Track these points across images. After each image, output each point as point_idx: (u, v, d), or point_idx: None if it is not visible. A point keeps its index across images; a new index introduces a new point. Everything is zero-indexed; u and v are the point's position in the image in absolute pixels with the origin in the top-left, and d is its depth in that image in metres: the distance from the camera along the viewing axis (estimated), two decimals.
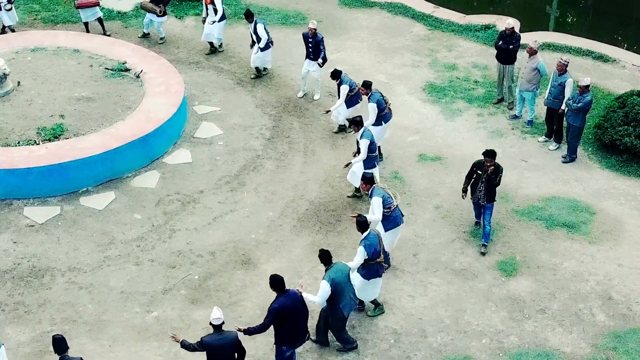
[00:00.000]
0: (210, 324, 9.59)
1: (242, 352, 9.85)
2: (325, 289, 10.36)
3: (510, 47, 15.93)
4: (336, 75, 15.09)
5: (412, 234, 13.18)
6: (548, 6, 23.08)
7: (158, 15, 18.57)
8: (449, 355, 11.07)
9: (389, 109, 14.54)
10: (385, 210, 11.81)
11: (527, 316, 11.71)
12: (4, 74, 15.28)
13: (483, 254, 12.71)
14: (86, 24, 18.94)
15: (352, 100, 15.23)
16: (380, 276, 11.36)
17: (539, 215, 13.61)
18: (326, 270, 10.54)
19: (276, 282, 10.00)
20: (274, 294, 11.75)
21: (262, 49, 17.13)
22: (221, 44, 18.67)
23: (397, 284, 12.27)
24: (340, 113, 15.35)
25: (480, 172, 12.53)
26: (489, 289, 12.18)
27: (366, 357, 11.08)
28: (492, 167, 12.37)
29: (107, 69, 16.33)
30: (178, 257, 12.75)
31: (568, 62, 14.62)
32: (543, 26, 21.21)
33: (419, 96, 17.10)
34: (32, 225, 13.19)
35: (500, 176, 12.54)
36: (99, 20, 19.00)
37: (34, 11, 20.25)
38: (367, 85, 14.25)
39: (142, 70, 16.16)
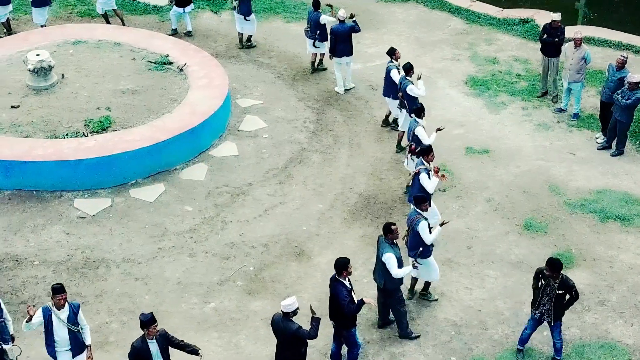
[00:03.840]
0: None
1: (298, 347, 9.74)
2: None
3: (556, 40, 15.87)
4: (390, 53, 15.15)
5: (464, 227, 13.12)
6: (577, 2, 22.95)
7: (170, 3, 18.57)
8: (511, 347, 11.00)
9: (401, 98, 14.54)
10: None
11: (587, 308, 11.63)
12: (49, 66, 15.27)
13: None
14: (117, 14, 19.05)
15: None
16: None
17: (592, 208, 13.53)
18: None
19: (335, 263, 10.10)
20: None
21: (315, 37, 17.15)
22: (241, 38, 18.57)
23: (454, 276, 12.20)
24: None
25: (544, 282, 10.42)
26: None
27: (427, 348, 11.02)
28: (557, 281, 10.29)
29: (150, 62, 16.30)
30: (231, 248, 12.71)
31: (627, 58, 14.61)
32: (572, 22, 21.07)
33: (461, 89, 17.03)
34: (84, 217, 13.16)
35: (572, 295, 10.38)
36: (110, 12, 19.06)
37: (70, 5, 20.24)
38: (405, 67, 14.38)
39: (185, 63, 16.12)
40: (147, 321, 9.25)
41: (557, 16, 16.12)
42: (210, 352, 10.91)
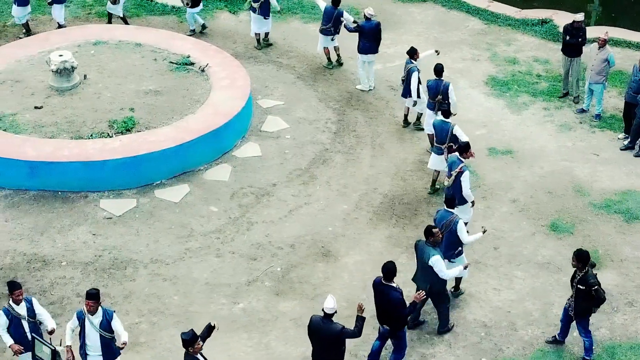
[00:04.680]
0: (322, 310, 9.59)
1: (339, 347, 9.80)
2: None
3: (580, 39, 15.87)
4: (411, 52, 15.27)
5: (490, 228, 13.05)
6: (590, 3, 22.90)
7: (186, 5, 18.55)
8: (542, 348, 11.01)
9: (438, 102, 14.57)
10: None
11: (616, 309, 11.63)
12: (72, 66, 15.28)
13: None
14: (109, 15, 19.03)
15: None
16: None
17: (617, 209, 13.52)
18: None
19: (383, 268, 10.21)
20: (358, 287, 11.89)
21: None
22: (265, 39, 18.64)
23: (481, 277, 12.20)
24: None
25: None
26: None
27: (458, 349, 11.03)
28: (580, 274, 10.36)
29: (171, 62, 16.31)
30: (258, 249, 12.72)
31: None
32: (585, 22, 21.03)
33: (482, 90, 17.03)
34: (110, 218, 13.18)
35: (594, 291, 10.26)
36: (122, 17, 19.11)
37: (88, 5, 20.25)
38: (436, 68, 14.43)
39: (207, 64, 16.13)
40: (191, 339, 9.01)
41: (579, 16, 16.12)
42: (240, 352, 10.93)
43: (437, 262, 10.50)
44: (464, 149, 12.38)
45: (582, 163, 14.72)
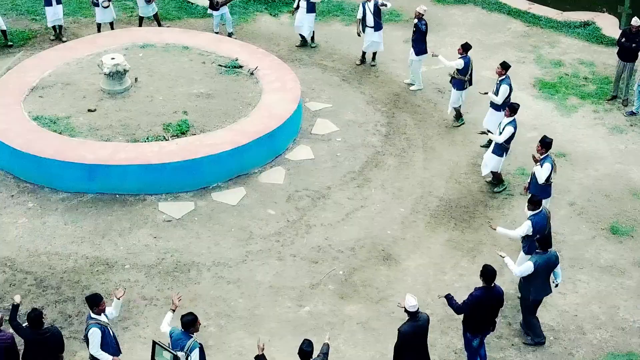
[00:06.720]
0: (406, 311, 9.62)
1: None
2: (528, 266, 10.67)
3: (633, 45, 15.83)
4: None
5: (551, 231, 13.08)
6: (620, 5, 22.80)
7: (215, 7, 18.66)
8: (612, 352, 11.00)
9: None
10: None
11: None
12: (125, 70, 15.33)
13: None
14: (141, 19, 19.11)
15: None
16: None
17: None
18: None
19: (487, 273, 10.16)
20: (422, 290, 11.88)
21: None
22: (313, 38, 18.68)
23: None
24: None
25: None
26: (639, 285, 12.09)
27: (528, 354, 11.02)
28: None
29: (220, 65, 16.34)
30: (318, 252, 12.74)
31: None
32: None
33: (530, 92, 17.01)
34: (169, 221, 13.21)
35: None
36: (155, 15, 19.09)
37: (129, 8, 20.32)
38: (505, 66, 14.55)
39: (257, 67, 16.16)
40: (311, 352, 9.33)
41: (636, 21, 16.04)
42: None
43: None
44: (550, 144, 12.65)
45: (637, 166, 14.69)
